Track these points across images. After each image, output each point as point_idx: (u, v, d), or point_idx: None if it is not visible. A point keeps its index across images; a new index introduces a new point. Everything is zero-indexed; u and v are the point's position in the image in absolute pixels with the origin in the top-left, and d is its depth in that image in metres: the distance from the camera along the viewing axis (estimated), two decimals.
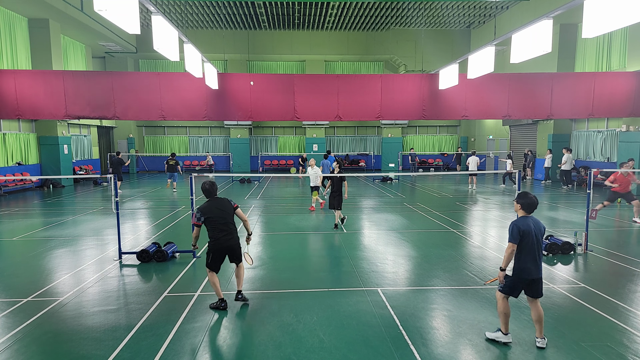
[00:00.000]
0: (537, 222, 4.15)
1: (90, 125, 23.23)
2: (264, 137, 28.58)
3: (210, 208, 5.06)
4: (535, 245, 4.09)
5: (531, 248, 4.08)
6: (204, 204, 5.12)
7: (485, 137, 26.98)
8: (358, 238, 8.92)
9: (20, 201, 14.52)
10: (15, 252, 8.06)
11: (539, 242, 4.12)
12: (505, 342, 4.22)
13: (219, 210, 5.06)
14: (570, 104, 15.05)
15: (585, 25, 6.53)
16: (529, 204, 4.14)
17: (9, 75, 13.94)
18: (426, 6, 21.14)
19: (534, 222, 4.13)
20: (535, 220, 4.16)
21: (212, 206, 5.08)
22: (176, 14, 22.07)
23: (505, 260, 4.12)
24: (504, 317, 4.22)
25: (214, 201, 5.15)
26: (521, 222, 4.11)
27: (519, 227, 4.07)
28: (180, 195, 15.64)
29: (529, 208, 4.15)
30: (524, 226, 4.07)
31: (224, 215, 5.07)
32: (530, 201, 4.14)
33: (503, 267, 4.13)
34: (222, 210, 5.10)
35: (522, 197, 4.20)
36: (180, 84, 14.50)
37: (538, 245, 4.12)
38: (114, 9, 6.16)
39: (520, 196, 4.22)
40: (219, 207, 5.09)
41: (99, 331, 4.61)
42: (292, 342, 4.35)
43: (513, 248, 4.09)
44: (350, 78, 15.24)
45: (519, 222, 4.12)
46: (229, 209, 5.16)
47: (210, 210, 5.03)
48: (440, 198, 14.85)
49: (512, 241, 4.08)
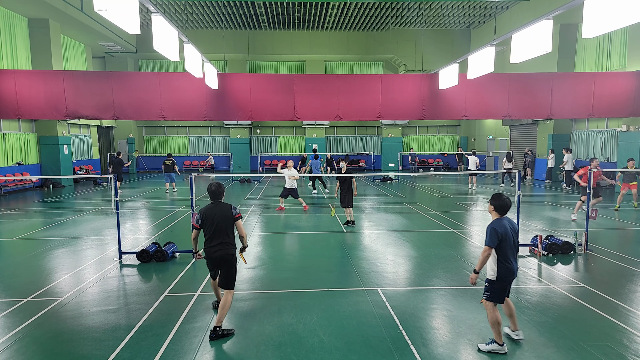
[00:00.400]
0: (512, 223, 4.14)
1: (90, 125, 23.23)
2: (264, 137, 28.58)
3: (211, 212, 4.65)
4: (513, 246, 4.11)
5: (511, 249, 4.07)
6: (206, 206, 4.75)
7: (485, 137, 26.98)
8: (358, 238, 8.92)
9: (20, 201, 14.52)
10: (15, 252, 8.06)
11: (515, 243, 4.14)
12: (502, 352, 4.08)
13: (218, 217, 4.62)
14: (570, 104, 15.05)
15: (585, 25, 6.53)
16: (502, 206, 4.12)
17: (9, 75, 13.94)
18: (426, 6, 21.14)
19: (509, 223, 4.11)
20: (510, 221, 4.14)
21: (213, 210, 4.66)
22: (176, 14, 22.07)
23: (480, 264, 4.05)
24: (498, 327, 4.09)
25: (216, 205, 4.71)
26: (498, 224, 4.06)
27: (497, 231, 4.02)
28: (180, 195, 15.64)
29: (502, 210, 4.13)
30: (501, 229, 4.03)
31: (221, 223, 4.61)
32: (504, 203, 4.11)
33: (477, 269, 4.09)
34: (222, 217, 4.63)
35: (495, 198, 4.16)
36: (180, 84, 14.50)
37: (515, 245, 4.13)
38: (114, 9, 6.16)
39: (494, 198, 4.19)
40: (219, 213, 4.64)
41: (99, 331, 4.61)
42: (292, 342, 4.35)
43: (489, 252, 4.05)
44: (350, 78, 15.24)
45: (495, 225, 4.07)
46: (229, 218, 4.65)
47: (210, 214, 4.63)
48: (440, 198, 14.85)
49: (490, 244, 4.02)
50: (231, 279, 4.64)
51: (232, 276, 4.65)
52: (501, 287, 4.10)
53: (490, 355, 4.07)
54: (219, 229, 4.59)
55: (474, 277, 4.12)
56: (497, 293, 4.10)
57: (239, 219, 4.72)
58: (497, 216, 4.16)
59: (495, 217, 4.17)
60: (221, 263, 4.63)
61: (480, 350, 4.13)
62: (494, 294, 4.10)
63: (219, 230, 4.59)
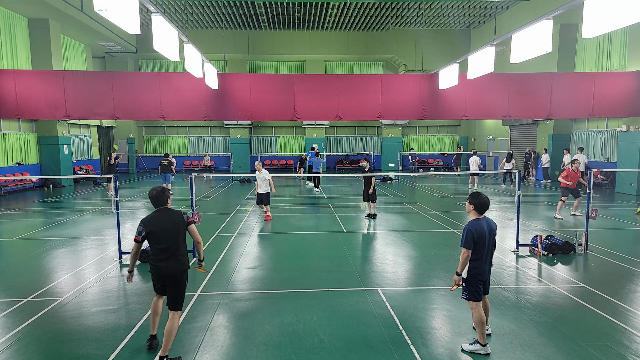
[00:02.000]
0: (490, 223, 4.14)
1: (90, 125, 23.22)
2: (264, 137, 28.58)
3: (155, 220, 4.03)
4: (488, 247, 4.09)
5: (485, 251, 4.06)
6: (149, 214, 4.12)
7: (485, 137, 26.98)
8: (358, 238, 8.92)
9: (20, 201, 14.52)
10: (15, 252, 8.06)
11: (491, 243, 4.13)
12: (485, 353, 4.07)
13: (165, 225, 4.01)
14: (570, 104, 15.06)
15: (585, 25, 6.53)
16: (480, 204, 4.09)
17: (9, 75, 13.95)
18: (426, 6, 21.14)
19: (487, 224, 4.09)
20: (488, 221, 4.13)
21: (158, 218, 4.05)
22: (176, 14, 22.07)
23: (461, 266, 4.07)
24: (482, 327, 4.08)
25: (161, 213, 4.09)
26: (475, 226, 4.03)
27: (473, 233, 4.01)
28: (179, 195, 15.63)
29: (481, 208, 4.10)
30: (478, 231, 4.01)
31: (170, 232, 3.98)
32: (482, 201, 4.09)
33: (459, 271, 4.10)
34: (170, 225, 4.02)
35: (474, 197, 4.14)
36: (180, 84, 14.50)
37: (490, 246, 4.13)
38: (114, 9, 6.16)
39: (472, 196, 4.16)
40: (166, 221, 4.03)
41: (99, 331, 4.61)
42: (292, 342, 4.35)
43: (467, 254, 4.04)
44: (350, 78, 15.24)
45: (471, 226, 4.05)
46: (180, 225, 4.05)
47: (155, 223, 4.00)
48: (440, 198, 14.85)
49: (466, 247, 4.02)
50: (180, 299, 4.01)
51: (182, 295, 4.03)
52: (474, 286, 4.11)
53: (491, 355, 4.06)
54: (166, 239, 3.97)
55: (457, 278, 4.14)
56: (472, 292, 4.12)
57: (192, 223, 4.15)
58: (475, 216, 4.14)
59: (474, 217, 4.14)
60: (169, 280, 3.99)
61: (463, 350, 4.13)
62: (470, 292, 4.13)
63: (166, 241, 3.97)
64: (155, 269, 4.02)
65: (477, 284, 4.10)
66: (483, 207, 4.10)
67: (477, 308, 4.10)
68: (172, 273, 3.98)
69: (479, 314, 4.08)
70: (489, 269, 4.16)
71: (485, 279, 4.15)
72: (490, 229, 4.12)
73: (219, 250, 7.85)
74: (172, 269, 3.98)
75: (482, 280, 4.11)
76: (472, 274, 4.09)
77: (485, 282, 4.18)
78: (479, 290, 4.10)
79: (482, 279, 4.10)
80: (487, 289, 4.25)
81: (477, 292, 4.10)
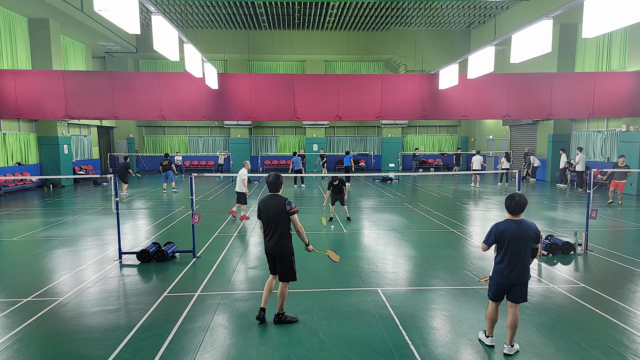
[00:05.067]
0: (525, 227, 3.95)
1: (90, 125, 23.22)
2: (264, 137, 28.58)
3: (265, 204, 4.70)
4: (515, 249, 3.93)
5: (510, 252, 3.95)
6: (263, 197, 4.81)
7: (485, 137, 26.98)
8: (358, 238, 8.92)
9: (20, 201, 14.52)
10: (15, 252, 8.06)
11: (522, 247, 3.93)
12: (488, 344, 4.18)
13: (271, 209, 4.63)
14: (570, 104, 15.05)
15: (585, 25, 6.53)
16: (509, 205, 4.02)
17: (9, 75, 13.94)
18: (426, 6, 21.14)
19: (520, 226, 3.94)
20: (524, 224, 3.96)
21: (268, 202, 4.69)
22: (176, 14, 22.07)
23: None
24: (488, 322, 4.20)
25: (270, 198, 4.72)
26: (501, 224, 4.02)
27: (493, 230, 4.03)
28: (180, 195, 15.64)
29: (510, 210, 4.01)
30: (502, 229, 3.98)
31: (274, 216, 4.61)
32: (511, 202, 3.99)
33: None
34: (275, 210, 4.62)
35: (507, 198, 4.08)
36: (180, 84, 14.50)
37: (520, 250, 3.93)
38: (114, 9, 6.16)
39: (507, 198, 4.10)
40: (272, 206, 4.65)
41: (99, 331, 4.61)
42: (292, 342, 4.35)
43: (484, 248, 4.09)
44: (350, 78, 15.24)
45: (499, 224, 4.05)
46: (282, 212, 4.60)
47: (264, 207, 4.68)
48: (440, 198, 14.85)
49: (486, 242, 4.09)
50: (288, 275, 4.73)
51: (289, 272, 4.73)
52: (494, 286, 4.10)
53: (491, 355, 4.07)
54: (271, 221, 4.62)
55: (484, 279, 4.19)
56: (491, 289, 4.16)
57: (294, 213, 4.64)
58: (509, 217, 4.09)
59: (508, 218, 4.10)
60: (275, 258, 4.70)
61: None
62: (489, 289, 4.19)
63: (271, 223, 4.63)
64: (265, 247, 4.77)
65: (498, 284, 4.05)
66: (510, 208, 3.99)
67: (491, 305, 4.18)
68: (272, 252, 4.69)
69: (490, 310, 4.18)
70: (518, 275, 3.94)
71: (511, 283, 3.99)
72: (523, 233, 3.92)
73: (219, 250, 7.85)
74: (272, 248, 4.67)
75: (502, 282, 4.02)
76: (494, 273, 4.10)
77: (513, 288, 4.00)
78: (500, 292, 4.08)
79: (500, 280, 4.02)
80: (514, 296, 4.02)
81: (496, 293, 4.10)
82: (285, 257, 4.68)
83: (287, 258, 4.69)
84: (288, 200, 4.64)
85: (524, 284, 4.01)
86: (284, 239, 4.65)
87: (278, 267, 4.73)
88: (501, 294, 4.10)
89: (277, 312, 4.79)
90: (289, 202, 4.62)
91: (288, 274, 4.74)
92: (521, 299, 4.03)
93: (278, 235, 4.62)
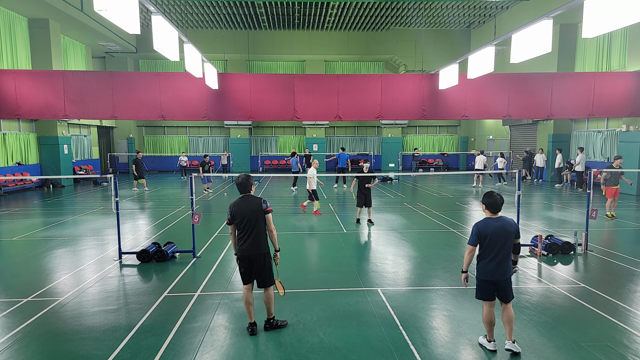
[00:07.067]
0: (505, 223, 4.00)
1: (90, 125, 23.22)
2: (264, 137, 28.57)
3: (239, 207, 4.46)
4: (496, 246, 3.97)
5: (491, 249, 3.98)
6: (235, 200, 4.56)
7: (485, 137, 26.99)
8: (358, 238, 8.92)
9: (20, 201, 14.52)
10: (15, 252, 8.06)
11: (503, 243, 3.98)
12: (491, 349, 4.11)
13: (246, 210, 4.42)
14: (570, 104, 15.04)
15: (585, 25, 6.53)
16: (491, 203, 4.06)
17: (9, 75, 13.93)
18: (426, 6, 21.14)
19: (500, 224, 4.00)
20: (503, 221, 4.02)
21: (241, 204, 4.46)
22: (176, 14, 22.07)
23: (465, 263, 4.14)
24: (487, 326, 4.15)
25: (243, 199, 4.51)
26: (482, 223, 4.07)
27: (477, 230, 4.04)
28: (179, 195, 15.63)
29: (491, 207, 4.06)
30: (483, 228, 4.02)
31: (251, 217, 4.41)
32: (493, 200, 4.05)
33: (464, 269, 4.17)
34: (251, 210, 4.43)
35: (486, 196, 4.14)
36: (180, 84, 14.49)
37: (502, 246, 3.98)
38: (114, 9, 6.16)
39: (485, 196, 4.16)
40: (247, 207, 4.45)
41: (99, 331, 4.61)
42: (292, 342, 4.35)
43: (470, 250, 4.08)
44: (350, 78, 15.23)
45: (479, 224, 4.08)
46: (259, 211, 4.43)
47: (238, 210, 4.44)
48: (440, 198, 14.85)
49: (470, 243, 4.09)
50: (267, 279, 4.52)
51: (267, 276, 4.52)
52: (482, 285, 4.10)
53: (491, 355, 4.07)
54: (246, 223, 4.41)
55: (463, 276, 4.21)
56: (479, 290, 4.14)
57: (269, 212, 4.49)
58: (489, 215, 4.13)
59: (487, 216, 4.14)
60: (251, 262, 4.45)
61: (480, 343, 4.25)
62: (477, 290, 4.17)
63: (246, 225, 4.41)
64: (239, 252, 4.47)
65: (483, 282, 4.08)
66: (493, 205, 4.06)
67: (485, 307, 4.13)
68: (249, 254, 4.42)
69: (485, 312, 4.12)
70: (501, 272, 3.98)
71: (495, 281, 4.01)
72: (504, 230, 3.98)
73: (219, 250, 7.85)
74: (249, 250, 4.41)
75: (489, 281, 4.03)
76: (478, 272, 4.11)
77: (497, 285, 4.02)
78: (486, 290, 4.08)
79: (487, 279, 4.03)
80: (502, 295, 4.05)
81: (483, 291, 4.09)
82: (263, 258, 4.47)
83: (265, 259, 4.49)
84: (263, 199, 4.50)
85: (509, 280, 4.08)
86: (262, 239, 4.47)
87: (255, 272, 4.49)
88: (489, 292, 4.08)
89: (267, 318, 4.63)
90: (264, 200, 4.49)
91: (267, 279, 4.52)
92: (510, 297, 4.09)
93: (255, 237, 4.41)
